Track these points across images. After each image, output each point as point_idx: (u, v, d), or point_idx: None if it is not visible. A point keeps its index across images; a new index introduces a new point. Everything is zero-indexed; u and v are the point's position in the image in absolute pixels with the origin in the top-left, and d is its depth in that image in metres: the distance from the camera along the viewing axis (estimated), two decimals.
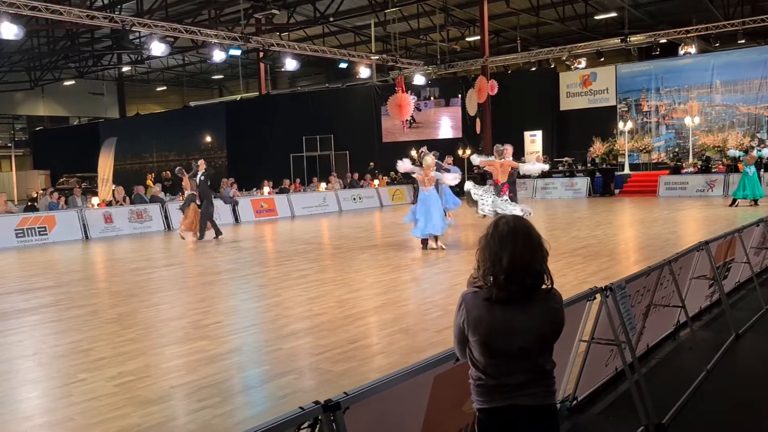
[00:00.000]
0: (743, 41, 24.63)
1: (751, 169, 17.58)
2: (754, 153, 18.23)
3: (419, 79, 28.29)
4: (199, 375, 5.33)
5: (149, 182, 25.11)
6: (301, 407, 2.23)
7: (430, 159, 12.25)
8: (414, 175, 12.50)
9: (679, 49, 25.20)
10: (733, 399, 4.69)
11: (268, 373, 5.46)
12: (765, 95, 24.47)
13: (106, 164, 21.16)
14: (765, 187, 18.36)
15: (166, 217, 18.58)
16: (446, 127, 30.27)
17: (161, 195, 20.28)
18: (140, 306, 8.14)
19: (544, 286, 2.37)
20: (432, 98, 30.21)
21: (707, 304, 6.85)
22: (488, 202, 11.93)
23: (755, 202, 17.51)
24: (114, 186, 20.46)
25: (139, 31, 21.40)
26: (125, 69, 40.10)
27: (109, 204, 18.77)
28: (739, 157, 18.51)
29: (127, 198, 19.10)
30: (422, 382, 2.77)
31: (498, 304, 2.30)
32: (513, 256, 2.29)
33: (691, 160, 24.29)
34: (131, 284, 9.80)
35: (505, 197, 12.21)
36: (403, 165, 12.32)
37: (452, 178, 13.01)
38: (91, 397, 4.93)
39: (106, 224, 17.35)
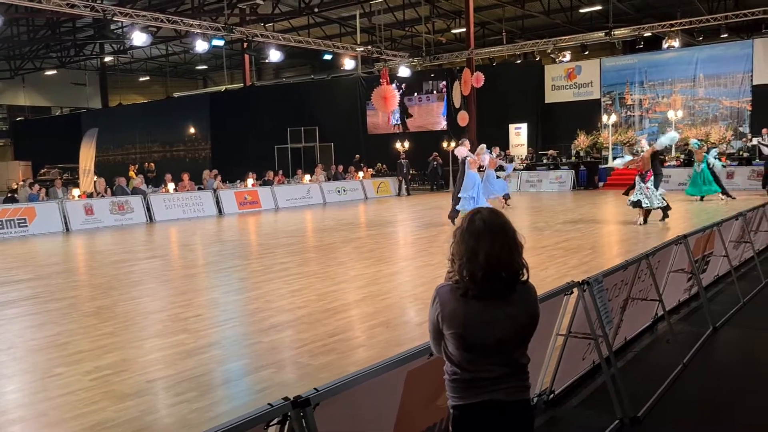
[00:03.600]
0: (726, 35, 24.77)
1: (700, 166, 17.63)
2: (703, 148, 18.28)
3: (404, 71, 28.22)
4: (177, 369, 5.29)
5: (131, 173, 24.87)
6: (270, 404, 2.21)
7: (487, 157, 15.08)
8: (468, 159, 14.15)
9: (663, 42, 25.33)
10: (709, 392, 4.73)
11: (247, 366, 5.44)
12: (747, 89, 24.65)
13: (87, 155, 20.95)
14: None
15: (149, 209, 18.42)
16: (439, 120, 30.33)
17: (143, 187, 20.09)
18: (120, 299, 8.07)
19: (522, 279, 2.36)
20: (435, 92, 30.16)
21: (686, 297, 6.89)
22: (657, 194, 13.25)
23: (701, 198, 17.49)
24: (96, 177, 20.26)
25: (121, 21, 21.13)
26: (108, 59, 39.63)
27: (91, 195, 18.59)
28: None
29: (109, 189, 18.91)
30: (395, 377, 2.75)
31: (474, 298, 2.29)
32: (490, 253, 2.26)
33: (673, 153, 24.43)
34: (111, 277, 9.70)
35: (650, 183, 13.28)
36: (460, 150, 14.31)
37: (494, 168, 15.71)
38: (67, 391, 4.87)
39: (87, 216, 17.17)
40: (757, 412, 4.35)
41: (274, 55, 24.27)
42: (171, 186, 19.82)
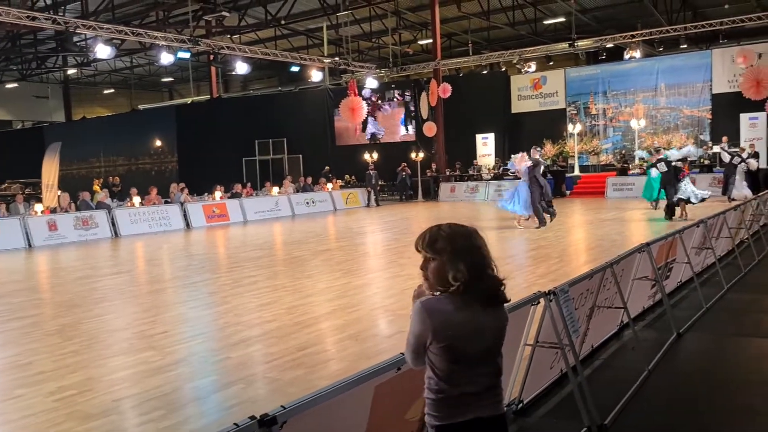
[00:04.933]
0: (685, 46, 25.41)
1: (655, 171, 17.77)
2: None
3: (371, 83, 28.32)
4: (144, 387, 5.21)
5: (96, 188, 24.44)
6: (235, 423, 2.18)
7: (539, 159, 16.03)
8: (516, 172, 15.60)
9: (625, 53, 25.83)
10: (674, 397, 4.80)
11: (216, 383, 5.37)
12: (707, 98, 25.26)
13: (50, 169, 20.55)
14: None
15: (113, 224, 18.11)
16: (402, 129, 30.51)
17: (108, 201, 19.76)
18: (84, 317, 7.91)
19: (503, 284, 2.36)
20: (395, 99, 30.31)
21: (650, 304, 7.00)
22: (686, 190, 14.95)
23: (656, 204, 17.50)
24: (59, 192, 19.88)
25: (84, 33, 20.84)
26: (71, 71, 38.98)
27: (54, 211, 18.21)
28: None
29: (73, 204, 18.56)
30: (363, 392, 2.75)
31: (464, 307, 2.25)
32: (483, 258, 2.31)
33: (637, 161, 24.90)
34: (75, 294, 9.52)
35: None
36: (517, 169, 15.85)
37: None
38: (29, 413, 4.76)
39: (51, 231, 16.82)
40: (721, 416, 4.43)
41: (241, 68, 24.17)
42: (137, 200, 19.54)
